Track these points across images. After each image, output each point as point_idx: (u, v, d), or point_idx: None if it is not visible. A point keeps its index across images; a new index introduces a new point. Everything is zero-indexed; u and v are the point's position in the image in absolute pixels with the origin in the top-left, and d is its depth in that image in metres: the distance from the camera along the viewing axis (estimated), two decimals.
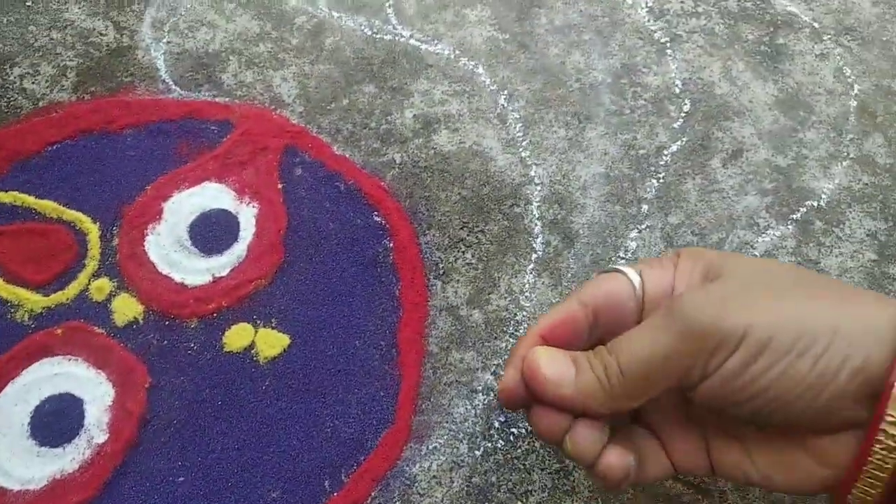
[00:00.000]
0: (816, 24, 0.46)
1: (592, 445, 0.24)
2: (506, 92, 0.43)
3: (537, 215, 0.39)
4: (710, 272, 0.25)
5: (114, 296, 0.36)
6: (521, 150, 0.41)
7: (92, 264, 0.37)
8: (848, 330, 0.22)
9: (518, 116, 0.42)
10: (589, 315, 0.25)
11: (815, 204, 0.40)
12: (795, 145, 0.42)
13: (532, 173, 0.40)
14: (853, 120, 0.43)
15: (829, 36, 0.45)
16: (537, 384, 0.24)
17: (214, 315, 0.36)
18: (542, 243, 0.38)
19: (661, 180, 0.40)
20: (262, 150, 0.40)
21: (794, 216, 0.40)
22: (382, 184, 0.40)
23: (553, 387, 0.24)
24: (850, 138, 0.42)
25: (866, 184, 0.40)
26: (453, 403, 0.35)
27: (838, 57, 0.45)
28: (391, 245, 0.38)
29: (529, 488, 0.33)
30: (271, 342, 0.36)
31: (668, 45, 0.45)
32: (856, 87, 0.44)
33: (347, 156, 0.41)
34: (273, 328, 0.36)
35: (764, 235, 0.39)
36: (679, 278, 0.25)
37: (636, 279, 0.25)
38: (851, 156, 0.41)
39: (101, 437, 0.33)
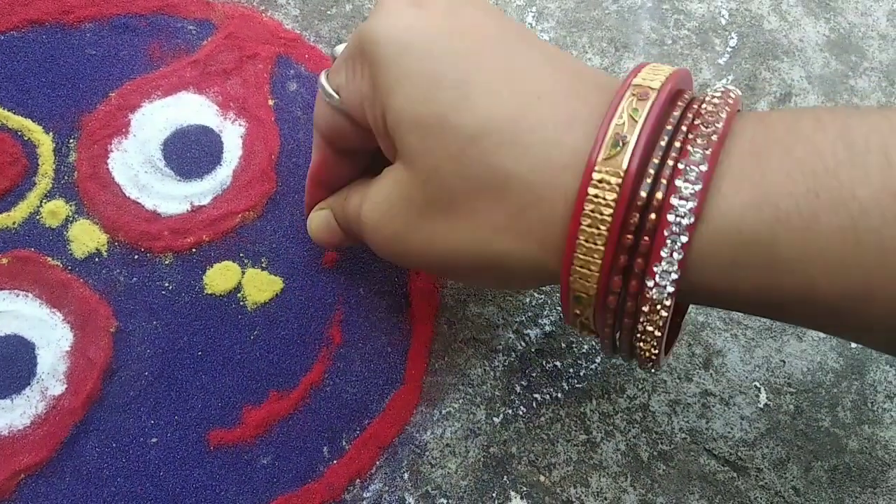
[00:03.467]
0: None
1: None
2: (534, 9, 0.37)
3: None
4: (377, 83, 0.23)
5: (71, 221, 0.31)
6: None
7: (44, 182, 0.31)
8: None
9: (548, 38, 0.37)
10: (332, 150, 0.28)
11: None
12: (846, 93, 0.38)
13: None
14: None
15: None
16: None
17: (193, 250, 0.31)
18: None
19: None
20: (250, 59, 0.34)
21: None
22: None
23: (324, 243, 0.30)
24: None
25: None
26: (470, 363, 0.31)
27: None
28: None
29: (553, 461, 0.30)
30: (261, 285, 0.31)
31: None
32: None
33: None
34: (263, 269, 0.31)
35: None
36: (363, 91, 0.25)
37: (340, 105, 0.26)
38: None
39: (58, 389, 0.28)
